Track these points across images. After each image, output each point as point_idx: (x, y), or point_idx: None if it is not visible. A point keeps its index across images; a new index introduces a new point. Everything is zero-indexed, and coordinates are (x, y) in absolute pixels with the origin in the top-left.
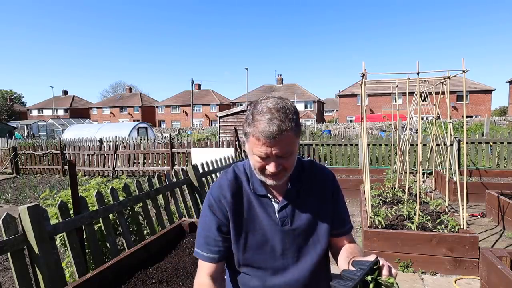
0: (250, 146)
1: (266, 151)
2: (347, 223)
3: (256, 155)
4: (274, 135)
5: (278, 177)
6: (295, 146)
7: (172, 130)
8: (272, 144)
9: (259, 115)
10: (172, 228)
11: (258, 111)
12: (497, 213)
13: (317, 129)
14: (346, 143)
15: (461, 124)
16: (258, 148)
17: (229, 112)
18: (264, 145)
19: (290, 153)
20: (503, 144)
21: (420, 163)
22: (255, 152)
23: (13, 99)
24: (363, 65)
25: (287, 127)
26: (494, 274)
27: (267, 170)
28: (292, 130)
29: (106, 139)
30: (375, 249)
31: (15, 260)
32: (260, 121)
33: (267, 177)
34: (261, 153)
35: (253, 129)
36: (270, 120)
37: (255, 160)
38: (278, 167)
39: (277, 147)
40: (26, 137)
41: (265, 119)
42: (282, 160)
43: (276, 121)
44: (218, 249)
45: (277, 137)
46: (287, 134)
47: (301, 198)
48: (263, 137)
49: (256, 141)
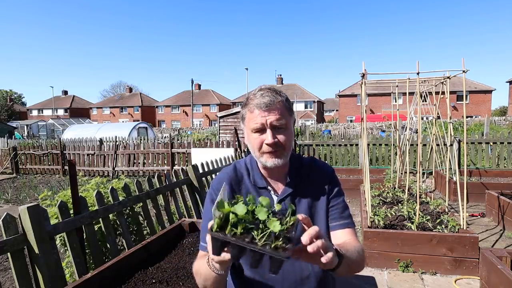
0: (247, 123)
1: (261, 121)
2: (344, 218)
3: (253, 130)
4: (267, 103)
5: (276, 155)
6: (288, 120)
7: (172, 130)
8: (266, 112)
9: (252, 95)
10: (172, 228)
11: (251, 94)
12: (497, 213)
13: (317, 129)
14: (346, 143)
15: (461, 124)
16: (254, 121)
17: (229, 112)
18: (258, 116)
19: (285, 126)
20: (503, 144)
21: (420, 163)
22: (251, 126)
23: (13, 99)
24: (363, 65)
25: (278, 98)
26: (494, 274)
27: (265, 146)
28: (282, 102)
29: (106, 139)
30: (375, 249)
31: (15, 260)
32: (254, 98)
33: (266, 155)
34: (257, 124)
35: (247, 107)
36: (262, 94)
37: (252, 139)
38: (274, 137)
39: (271, 115)
40: (26, 137)
41: (258, 95)
42: (277, 133)
43: (267, 93)
44: None
45: (269, 105)
46: (278, 104)
47: (300, 192)
48: (257, 107)
49: (250, 114)
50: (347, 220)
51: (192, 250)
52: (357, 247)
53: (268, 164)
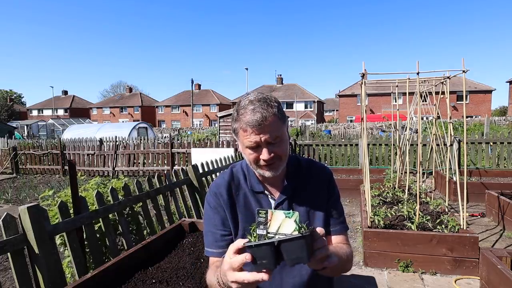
0: (241, 139)
1: (255, 139)
2: (340, 223)
3: (248, 147)
4: (259, 121)
5: (273, 167)
6: (282, 131)
7: (172, 130)
8: (259, 131)
9: (243, 109)
10: (172, 228)
11: (241, 106)
12: (497, 213)
13: (317, 129)
14: (346, 143)
15: (461, 124)
16: (248, 139)
17: (229, 112)
18: (252, 134)
19: (279, 139)
20: (503, 144)
21: (420, 163)
22: (246, 144)
23: (13, 99)
24: (363, 65)
25: (270, 113)
26: (494, 274)
27: (261, 161)
28: (275, 115)
29: (106, 139)
30: (375, 249)
31: (15, 260)
32: (245, 113)
33: (263, 168)
34: (251, 143)
35: (239, 123)
36: (253, 110)
37: (248, 153)
38: (270, 153)
39: (265, 133)
40: (26, 137)
41: (248, 111)
42: (273, 147)
43: (259, 109)
44: (227, 243)
45: (262, 123)
46: (271, 119)
47: (297, 195)
48: (250, 126)
49: (244, 133)
50: (343, 225)
51: (192, 250)
52: (347, 252)
53: (266, 175)
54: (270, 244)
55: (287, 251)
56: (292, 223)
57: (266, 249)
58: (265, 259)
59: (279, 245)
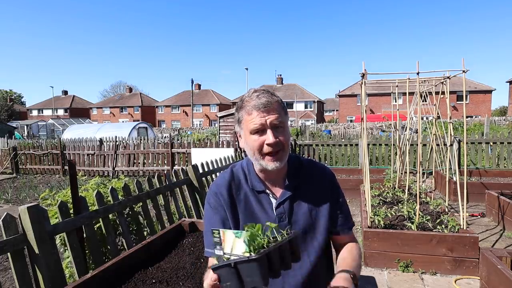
0: (245, 126)
1: (261, 121)
2: (347, 221)
3: (252, 132)
4: (265, 104)
5: (277, 157)
6: (285, 119)
7: (172, 130)
8: (264, 113)
9: (248, 97)
10: (172, 228)
11: (246, 96)
12: (497, 213)
13: (317, 129)
14: (346, 143)
15: (461, 124)
16: (253, 122)
17: (229, 112)
18: (257, 116)
19: (283, 125)
20: (503, 144)
21: (420, 163)
22: (250, 127)
23: (13, 99)
24: (363, 65)
25: (274, 99)
26: (494, 274)
27: (266, 147)
28: (278, 102)
29: (106, 139)
30: (375, 249)
31: (15, 260)
32: (250, 100)
33: (267, 158)
34: (256, 125)
35: (244, 109)
36: (258, 96)
37: (252, 141)
38: (275, 137)
39: (270, 115)
40: (26, 137)
41: (254, 97)
42: (277, 133)
43: (263, 94)
44: None
45: (267, 105)
46: (275, 104)
47: (299, 194)
48: (255, 109)
49: (249, 116)
50: (350, 223)
51: (192, 250)
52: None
53: (269, 167)
54: (228, 265)
55: (244, 273)
56: (242, 243)
57: (226, 271)
58: (228, 281)
59: (236, 267)
